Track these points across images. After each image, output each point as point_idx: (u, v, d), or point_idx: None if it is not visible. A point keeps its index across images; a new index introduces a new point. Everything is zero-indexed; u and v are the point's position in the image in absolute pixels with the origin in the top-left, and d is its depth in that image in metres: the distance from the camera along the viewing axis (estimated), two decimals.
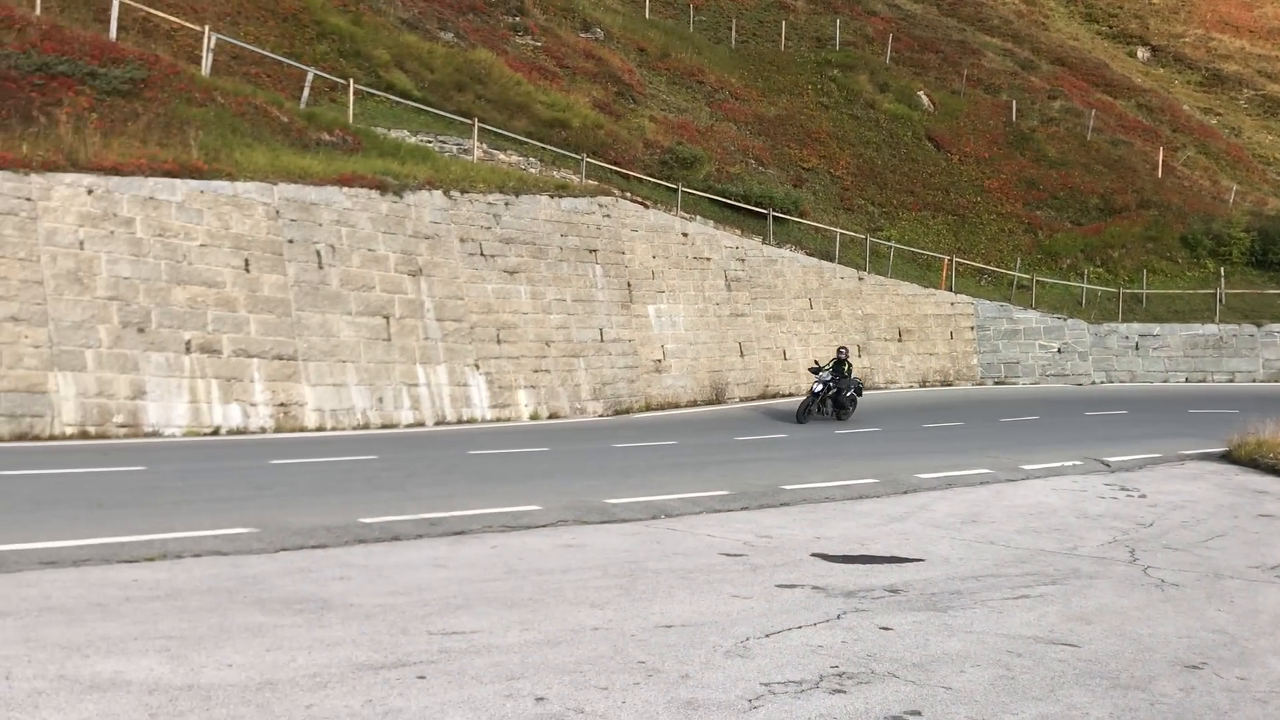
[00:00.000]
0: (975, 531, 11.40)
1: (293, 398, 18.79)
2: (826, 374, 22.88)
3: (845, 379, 23.16)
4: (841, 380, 23.06)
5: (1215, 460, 18.10)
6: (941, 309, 33.86)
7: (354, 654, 6.06)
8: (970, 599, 8.21)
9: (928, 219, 38.70)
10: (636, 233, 26.09)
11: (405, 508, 10.86)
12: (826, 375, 22.86)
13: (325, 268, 19.82)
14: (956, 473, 15.71)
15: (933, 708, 5.52)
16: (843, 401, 23.24)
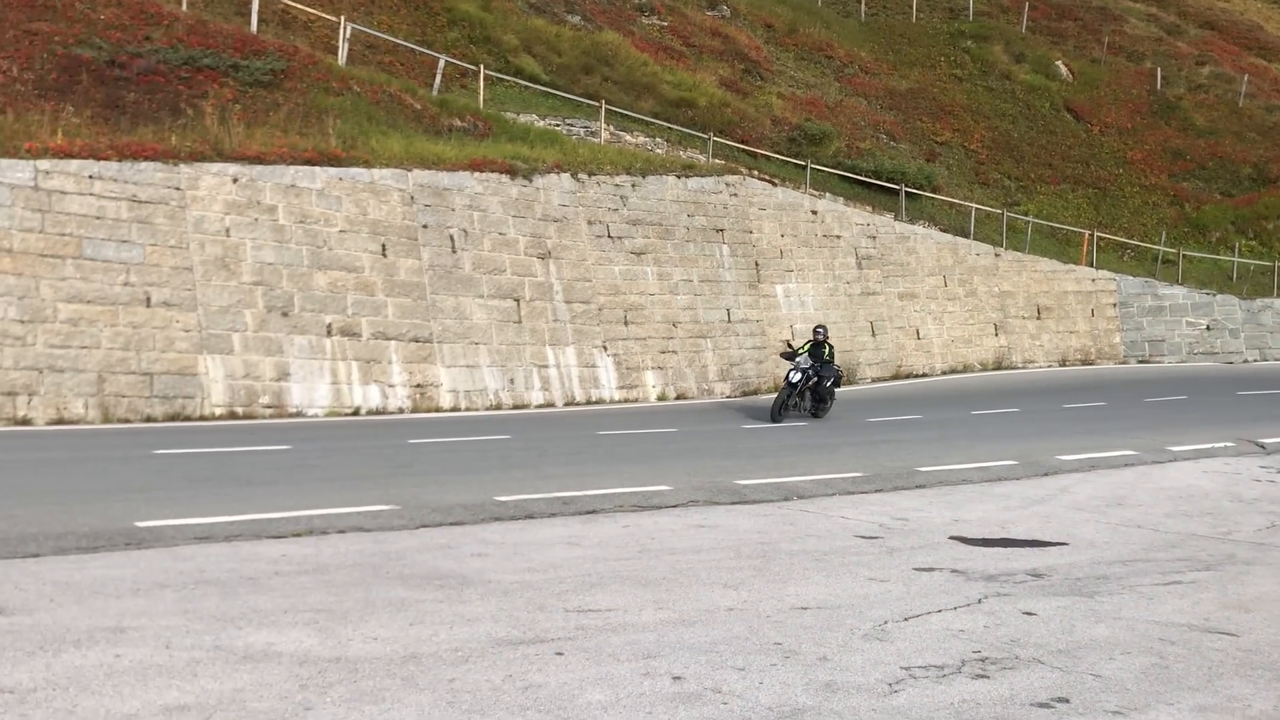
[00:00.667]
0: (1121, 515, 11.02)
1: (428, 379, 19.21)
2: (804, 359, 18.76)
3: (827, 365, 19.06)
4: (823, 367, 18.96)
5: None
6: (1082, 285, 32.77)
7: (493, 629, 6.16)
8: (1118, 584, 7.93)
9: (1067, 193, 37.46)
10: (764, 211, 25.88)
11: (538, 486, 11.00)
12: (805, 361, 18.71)
13: (458, 251, 20.18)
14: (1100, 454, 15.22)
15: (1081, 695, 5.34)
16: (822, 394, 19.07)
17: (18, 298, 16.00)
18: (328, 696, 5.02)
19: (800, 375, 18.45)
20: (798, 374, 18.45)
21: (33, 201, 16.39)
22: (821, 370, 18.85)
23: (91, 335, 16.47)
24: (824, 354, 19.02)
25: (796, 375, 18.44)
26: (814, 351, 18.98)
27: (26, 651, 5.48)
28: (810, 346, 19.22)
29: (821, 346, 19.15)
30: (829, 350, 19.24)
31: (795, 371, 18.47)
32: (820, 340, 19.27)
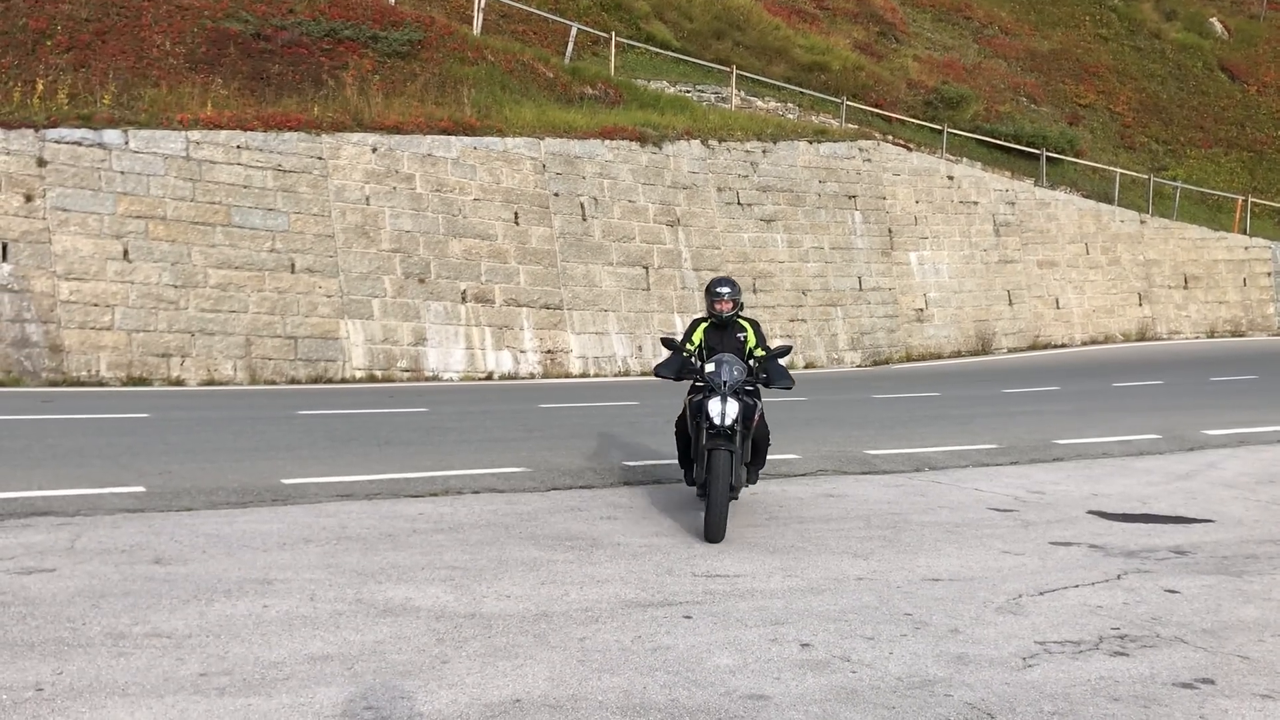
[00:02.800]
0: (1272, 493, 10.55)
1: (558, 345, 19.47)
2: (728, 365, 7.84)
3: (770, 360, 8.20)
4: (757, 371, 8.17)
5: None
6: (1233, 254, 31.32)
7: (622, 591, 6.25)
8: (1268, 564, 7.61)
9: (1219, 156, 35.79)
10: (898, 177, 25.40)
11: (666, 453, 11.06)
12: (728, 371, 7.81)
13: (588, 219, 20.34)
14: (1249, 429, 14.58)
15: (1227, 677, 5.16)
16: (757, 438, 8.23)
17: (171, 264, 16.74)
18: (463, 651, 5.16)
19: (727, 408, 7.63)
20: (724, 406, 7.63)
21: (185, 171, 17.09)
22: (746, 385, 8.01)
23: (239, 300, 17.14)
24: (745, 343, 8.28)
25: (722, 410, 7.62)
26: (725, 339, 8.26)
27: (181, 600, 5.78)
28: (711, 328, 8.35)
29: (735, 327, 8.33)
30: (753, 332, 8.36)
31: (715, 399, 7.67)
32: (732, 312, 8.33)
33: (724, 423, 7.46)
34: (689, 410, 8.01)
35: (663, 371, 8.02)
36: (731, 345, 8.09)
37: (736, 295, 8.27)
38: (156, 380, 16.25)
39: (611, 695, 4.67)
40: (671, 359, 8.06)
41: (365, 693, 4.60)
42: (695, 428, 7.78)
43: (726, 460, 7.41)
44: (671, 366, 8.00)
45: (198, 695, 4.52)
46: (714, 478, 7.39)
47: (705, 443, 7.52)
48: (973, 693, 4.86)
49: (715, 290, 8.29)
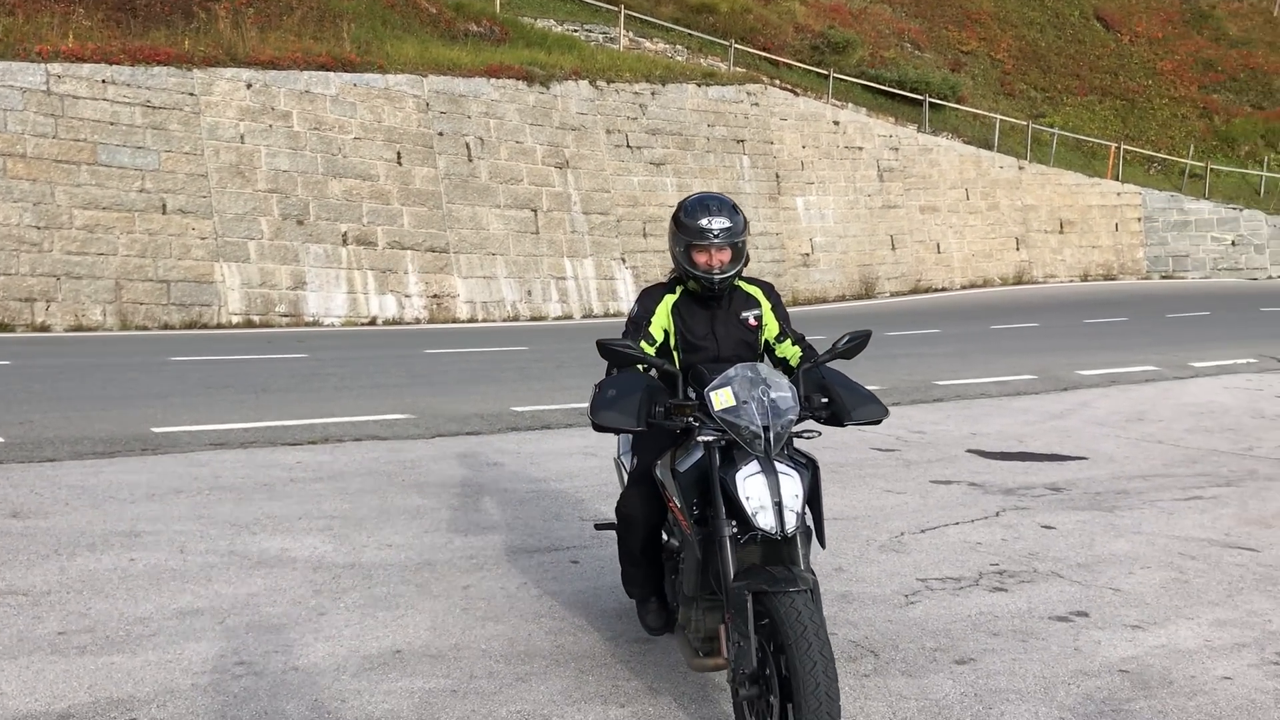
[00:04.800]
0: (1141, 430, 10.91)
1: (445, 289, 19.13)
2: (766, 395, 3.68)
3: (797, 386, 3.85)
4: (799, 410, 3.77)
5: None
6: (1106, 200, 32.28)
7: (508, 538, 6.15)
8: (1138, 499, 7.85)
9: (1094, 104, 36.71)
10: (786, 121, 25.46)
11: (555, 398, 10.96)
12: (767, 398, 3.67)
13: (474, 160, 19.95)
14: (1120, 370, 15.06)
15: (1100, 609, 5.29)
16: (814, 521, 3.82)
17: (33, 204, 15.92)
18: (341, 602, 5.01)
19: (785, 492, 3.58)
20: (778, 488, 3.57)
21: (45, 106, 16.21)
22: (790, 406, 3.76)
23: (108, 242, 16.41)
24: (759, 334, 4.36)
25: (771, 496, 3.56)
26: (722, 325, 4.29)
27: (40, 555, 5.49)
28: (688, 304, 4.30)
29: (736, 301, 4.34)
30: (769, 310, 4.40)
31: (754, 474, 3.58)
32: (732, 271, 4.19)
33: (784, 526, 3.52)
34: (675, 487, 3.89)
35: (609, 417, 3.79)
36: (734, 339, 4.24)
37: (739, 235, 4.12)
38: (20, 326, 15.49)
39: (495, 644, 4.58)
40: (622, 383, 3.93)
41: (237, 647, 4.43)
42: (698, 536, 3.76)
43: (813, 616, 3.35)
44: (628, 401, 3.80)
45: (55, 655, 4.30)
46: (801, 669, 3.24)
47: (737, 579, 3.52)
48: (856, 630, 4.90)
49: (700, 225, 4.08)
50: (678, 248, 4.15)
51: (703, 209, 4.11)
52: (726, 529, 3.56)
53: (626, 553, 4.26)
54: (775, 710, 3.35)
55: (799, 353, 4.30)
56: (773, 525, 3.49)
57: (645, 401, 3.78)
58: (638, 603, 4.39)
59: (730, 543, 3.56)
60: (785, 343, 4.33)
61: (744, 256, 4.18)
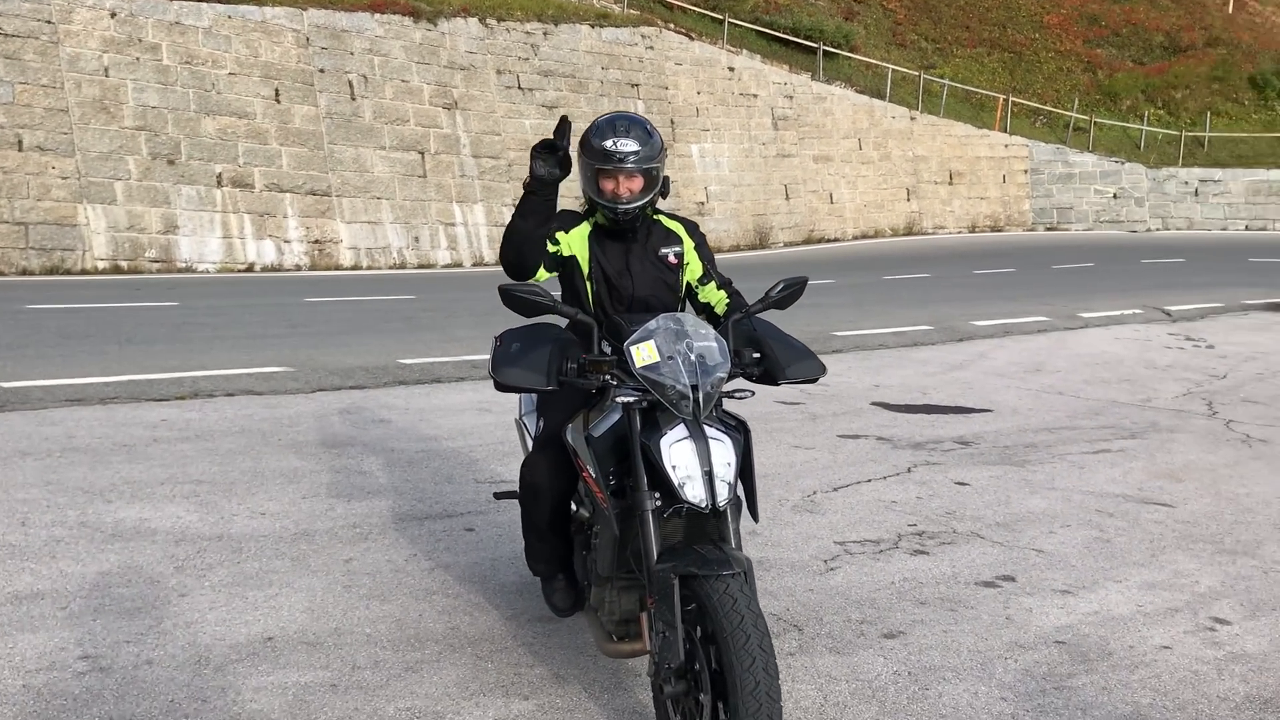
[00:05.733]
0: (1041, 381, 10.85)
1: (327, 235, 18.28)
2: (690, 347, 3.21)
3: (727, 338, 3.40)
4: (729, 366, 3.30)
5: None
6: (995, 151, 32.59)
7: (396, 503, 5.64)
8: (1047, 453, 7.70)
9: (982, 56, 36.95)
10: (680, 66, 24.96)
11: (446, 349, 10.41)
12: (692, 352, 3.19)
13: (358, 99, 19.04)
14: (1013, 320, 15.09)
15: (1026, 573, 5.04)
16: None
17: None
18: (207, 581, 4.48)
19: (716, 461, 3.15)
20: (707, 455, 3.14)
21: None
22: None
23: None
24: (680, 274, 3.88)
25: (700, 465, 3.12)
26: (638, 264, 3.80)
27: None
28: (601, 237, 3.80)
29: (655, 236, 3.86)
30: (693, 249, 3.91)
31: (679, 440, 3.14)
32: (643, 201, 3.70)
33: (715, 499, 3.11)
34: (589, 454, 3.38)
35: (514, 375, 3.34)
36: (651, 277, 3.76)
37: (653, 160, 3.66)
38: None
39: (381, 627, 4.10)
40: (528, 336, 3.44)
41: (82, 638, 3.88)
42: (615, 510, 3.29)
43: (749, 604, 2.94)
44: (535, 356, 3.35)
45: None
46: (738, 664, 2.83)
47: (661, 560, 3.09)
48: (777, 602, 4.55)
49: (606, 147, 3.62)
50: (585, 173, 3.69)
51: (610, 129, 3.65)
52: (649, 502, 3.10)
53: (531, 526, 3.77)
54: (706, 709, 2.93)
55: (725, 299, 3.86)
56: (702, 498, 3.04)
57: (556, 357, 3.31)
58: (543, 580, 3.92)
59: (653, 518, 3.10)
60: (709, 286, 3.88)
61: (659, 186, 3.71)
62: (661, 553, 3.07)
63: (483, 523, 5.38)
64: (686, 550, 3.05)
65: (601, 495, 3.26)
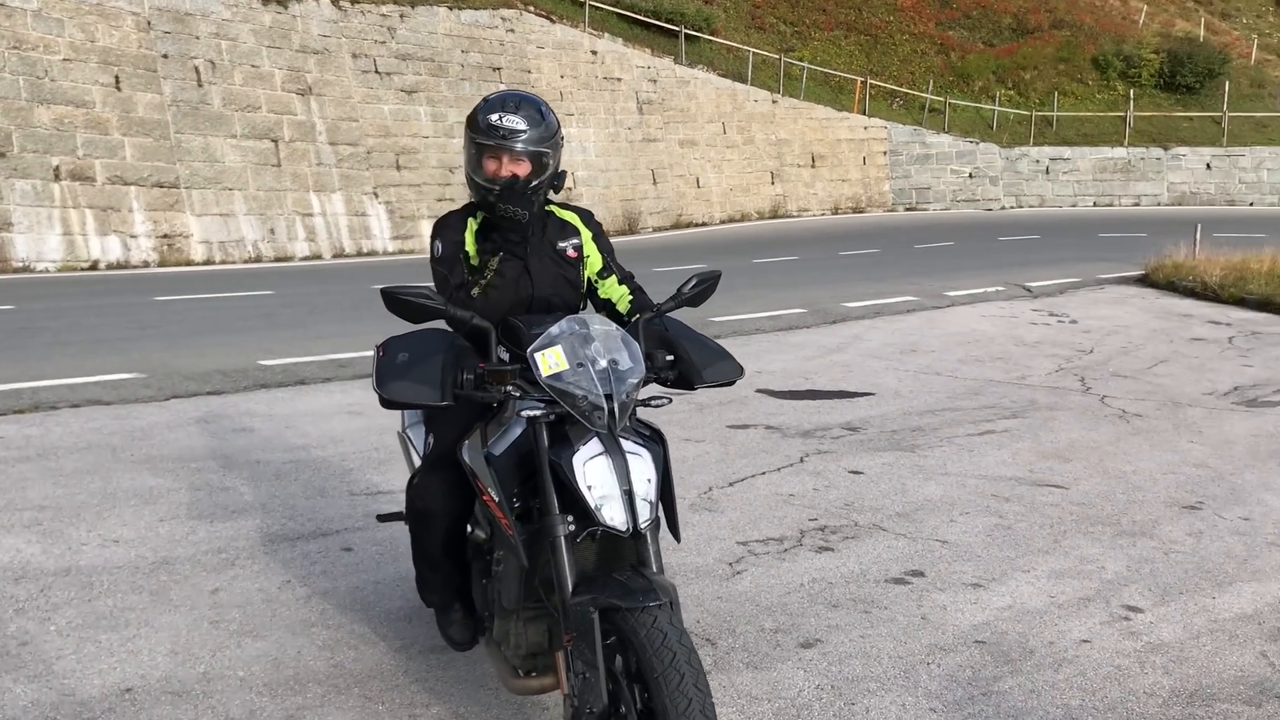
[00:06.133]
0: (917, 362, 10.87)
1: (176, 229, 17.35)
2: (602, 350, 2.90)
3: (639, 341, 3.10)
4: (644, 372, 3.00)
5: (1134, 284, 17.95)
6: (855, 134, 33.04)
7: (265, 522, 5.20)
8: (934, 436, 7.64)
9: (840, 39, 37.43)
10: (543, 50, 24.53)
11: (310, 348, 9.88)
12: (604, 356, 2.88)
13: (205, 86, 18.10)
14: (882, 300, 15.20)
15: (934, 567, 4.90)
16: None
17: None
18: (51, 624, 3.99)
19: (636, 478, 2.84)
20: (626, 472, 2.83)
21: None
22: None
23: None
24: (581, 269, 3.57)
25: (619, 484, 2.82)
26: (536, 260, 3.43)
27: None
28: (489, 233, 3.41)
29: (552, 230, 3.52)
30: (591, 240, 3.61)
31: (594, 456, 2.83)
32: (533, 186, 3.34)
33: (637, 521, 2.80)
34: (490, 475, 3.01)
35: (403, 389, 2.98)
36: (552, 274, 3.44)
37: (544, 142, 3.34)
38: None
39: (257, 668, 3.70)
40: (417, 344, 3.09)
41: None
42: (523, 537, 2.94)
43: (681, 638, 2.64)
44: (427, 367, 3.00)
45: None
46: (672, 707, 2.55)
47: (578, 591, 2.78)
48: (686, 614, 4.28)
49: (492, 121, 3.31)
50: (468, 150, 3.36)
51: (500, 104, 3.33)
52: (561, 527, 2.78)
53: (423, 555, 3.40)
54: None
55: (628, 294, 3.55)
56: (623, 521, 2.73)
57: (449, 367, 2.95)
58: (437, 611, 3.56)
59: (566, 544, 2.78)
60: (610, 280, 3.56)
61: (551, 173, 3.34)
62: (577, 583, 2.76)
63: (361, 541, 4.98)
64: (605, 579, 2.74)
65: (506, 521, 2.91)
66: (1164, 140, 35.71)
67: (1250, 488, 6.46)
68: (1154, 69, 37.89)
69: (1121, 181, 35.12)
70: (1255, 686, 3.76)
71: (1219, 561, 5.09)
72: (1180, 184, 35.20)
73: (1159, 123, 36.56)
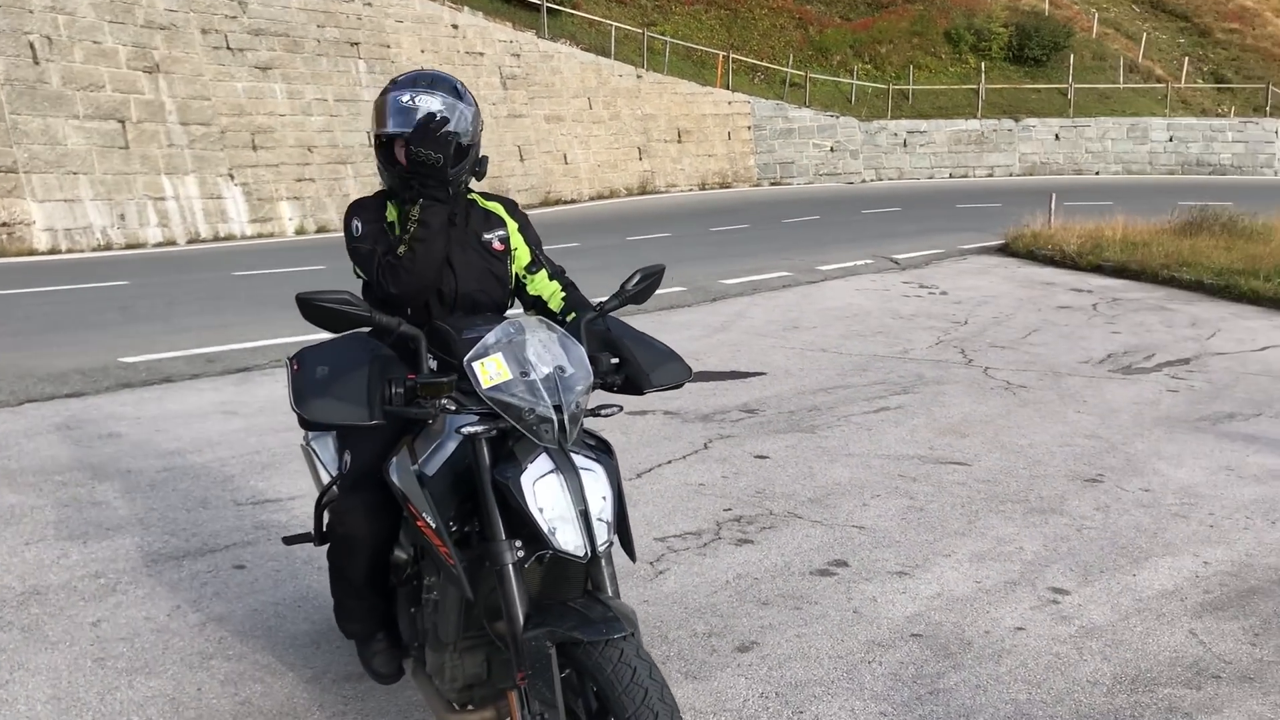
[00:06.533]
0: (801, 338, 10.87)
1: (16, 216, 16.27)
2: (544, 353, 2.64)
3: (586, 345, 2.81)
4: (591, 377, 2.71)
5: (994, 254, 18.39)
6: (719, 108, 33.11)
7: (146, 541, 4.79)
8: (831, 415, 7.59)
9: (700, 14, 37.43)
10: (402, 24, 23.82)
11: (174, 342, 9.31)
12: (547, 360, 2.62)
13: (42, 63, 16.99)
14: (758, 276, 15.21)
15: (856, 556, 4.80)
16: None
17: None
18: None
19: (590, 497, 2.57)
20: (580, 491, 2.56)
21: None
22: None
23: None
24: (508, 264, 3.30)
25: (573, 503, 2.55)
26: (460, 253, 3.16)
27: None
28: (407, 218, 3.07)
29: (475, 221, 3.25)
30: (518, 233, 3.34)
31: (544, 473, 2.55)
32: (451, 170, 3.03)
33: (594, 545, 2.55)
34: (424, 497, 2.70)
35: (327, 408, 2.64)
36: (478, 269, 3.17)
37: (462, 127, 3.09)
38: None
39: (154, 710, 3.35)
40: (337, 354, 2.77)
41: None
42: (464, 564, 2.66)
43: (651, 673, 2.41)
44: (351, 381, 2.68)
45: None
46: None
47: (528, 625, 2.51)
48: None
49: (403, 103, 3.06)
50: (378, 134, 3.09)
51: (410, 84, 3.08)
52: (509, 555, 2.51)
53: (344, 584, 3.08)
54: None
55: (560, 291, 3.28)
56: (580, 545, 2.47)
57: (376, 381, 2.64)
58: (359, 642, 3.25)
59: (515, 572, 2.52)
60: (540, 275, 3.29)
61: (471, 159, 3.09)
62: (529, 614, 2.50)
63: (254, 557, 4.62)
64: (560, 608, 2.49)
65: (446, 550, 2.62)
66: (1014, 112, 36.79)
67: (1143, 457, 6.56)
68: (1003, 42, 38.97)
69: (975, 153, 36.07)
70: (1191, 668, 3.75)
71: (1131, 536, 5.12)
72: (1031, 154, 36.33)
73: (1009, 95, 37.64)
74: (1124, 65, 39.94)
